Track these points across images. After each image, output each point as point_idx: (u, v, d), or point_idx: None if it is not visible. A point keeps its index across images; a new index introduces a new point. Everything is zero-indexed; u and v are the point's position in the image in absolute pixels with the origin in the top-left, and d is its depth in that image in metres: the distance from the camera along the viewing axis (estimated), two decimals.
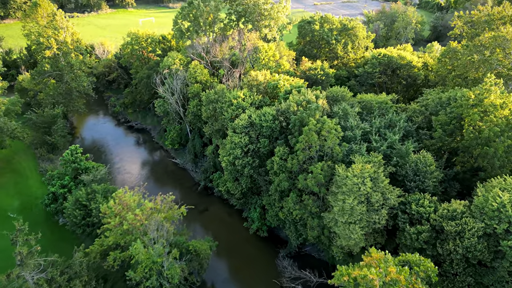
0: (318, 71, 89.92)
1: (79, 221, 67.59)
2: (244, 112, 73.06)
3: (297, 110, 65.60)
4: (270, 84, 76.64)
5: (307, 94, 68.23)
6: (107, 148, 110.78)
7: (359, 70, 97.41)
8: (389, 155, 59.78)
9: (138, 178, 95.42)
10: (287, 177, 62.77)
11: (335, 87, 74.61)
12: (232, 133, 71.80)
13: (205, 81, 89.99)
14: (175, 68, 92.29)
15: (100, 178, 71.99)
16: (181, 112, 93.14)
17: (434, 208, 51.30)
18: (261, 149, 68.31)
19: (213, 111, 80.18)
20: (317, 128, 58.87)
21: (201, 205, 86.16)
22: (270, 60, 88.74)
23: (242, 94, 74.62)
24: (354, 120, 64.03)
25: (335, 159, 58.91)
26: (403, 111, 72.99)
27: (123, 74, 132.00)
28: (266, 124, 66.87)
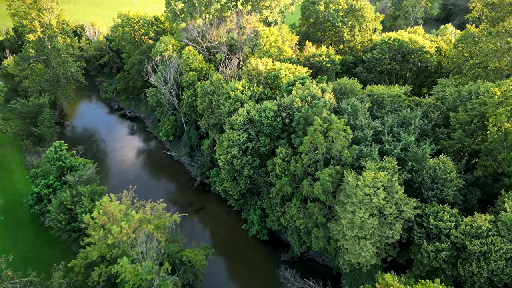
0: (323, 58, 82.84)
1: (64, 226, 62.35)
2: (243, 106, 66.71)
3: (301, 107, 59.24)
4: (271, 74, 69.90)
5: (312, 87, 61.69)
6: (98, 137, 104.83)
7: (367, 56, 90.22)
8: (403, 158, 53.86)
9: (130, 173, 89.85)
10: (290, 180, 57.07)
11: (342, 78, 67.89)
12: (229, 129, 65.67)
13: (200, 68, 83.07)
14: (167, 55, 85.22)
15: (87, 178, 66.26)
16: (175, 103, 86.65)
17: (455, 223, 45.73)
18: (261, 148, 62.35)
19: (209, 104, 73.74)
20: (324, 128, 52.74)
21: (198, 203, 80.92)
22: (271, 46, 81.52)
23: (240, 85, 68.03)
24: (364, 118, 57.76)
25: (344, 163, 53.04)
26: (417, 105, 66.55)
27: (115, 58, 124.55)
28: (267, 121, 60.64)
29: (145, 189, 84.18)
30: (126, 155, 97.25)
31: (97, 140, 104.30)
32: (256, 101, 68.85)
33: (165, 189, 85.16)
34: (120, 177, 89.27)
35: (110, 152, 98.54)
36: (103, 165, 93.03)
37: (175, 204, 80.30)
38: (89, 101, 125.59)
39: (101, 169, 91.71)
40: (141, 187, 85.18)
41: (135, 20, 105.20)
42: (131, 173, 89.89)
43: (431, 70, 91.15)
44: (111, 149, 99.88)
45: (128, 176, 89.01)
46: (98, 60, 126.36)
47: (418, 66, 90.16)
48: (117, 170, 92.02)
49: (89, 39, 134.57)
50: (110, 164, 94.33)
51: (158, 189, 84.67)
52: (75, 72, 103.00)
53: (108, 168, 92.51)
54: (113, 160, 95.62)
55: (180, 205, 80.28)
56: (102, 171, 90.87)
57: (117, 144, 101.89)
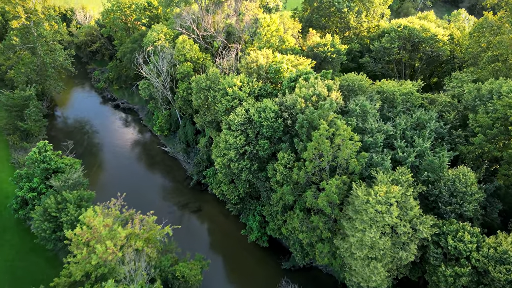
0: (327, 48, 76.77)
1: (48, 235, 57.98)
2: (241, 104, 61.30)
3: (305, 107, 53.83)
4: (271, 68, 64.12)
5: (317, 84, 56.09)
6: (90, 129, 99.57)
7: (375, 45, 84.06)
8: (417, 166, 48.86)
9: (123, 169, 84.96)
10: (292, 189, 52.23)
11: (350, 74, 62.12)
12: (226, 130, 60.47)
13: (196, 58, 77.07)
14: (160, 45, 79.07)
15: (73, 182, 61.43)
16: (169, 97, 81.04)
17: (476, 244, 41.09)
18: (260, 152, 57.29)
19: (204, 100, 68.23)
20: (330, 133, 47.53)
21: (194, 203, 76.39)
22: (272, 35, 75.32)
23: (239, 81, 62.37)
24: (374, 121, 52.44)
25: (351, 171, 48.05)
26: (430, 103, 61.05)
27: (107, 44, 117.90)
28: (267, 123, 55.34)
29: (139, 188, 79.65)
30: (119, 149, 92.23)
31: (89, 132, 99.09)
32: (255, 97, 63.37)
33: (160, 188, 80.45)
34: (111, 173, 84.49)
35: (102, 146, 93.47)
36: (95, 160, 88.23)
37: (170, 205, 75.93)
38: (81, 89, 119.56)
39: (92, 163, 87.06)
40: (134, 185, 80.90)
41: (127, 4, 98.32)
42: (123, 170, 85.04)
43: (442, 60, 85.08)
44: (103, 143, 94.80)
45: (120, 172, 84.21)
46: (89, 46, 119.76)
47: (429, 56, 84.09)
48: (109, 166, 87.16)
49: (80, 24, 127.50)
50: (102, 159, 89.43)
51: (152, 188, 79.99)
52: (64, 61, 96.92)
53: (99, 163, 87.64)
54: (105, 155, 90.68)
55: (176, 205, 75.84)
56: (93, 166, 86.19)
57: (110, 137, 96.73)
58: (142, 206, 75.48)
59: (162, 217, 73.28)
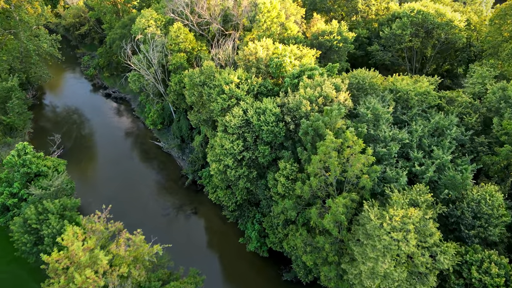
0: (334, 36, 70.07)
1: (29, 249, 53.37)
2: (239, 103, 55.40)
3: (310, 111, 47.95)
4: (272, 62, 57.82)
5: (324, 84, 49.98)
6: (79, 120, 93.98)
7: (385, 31, 77.13)
8: (436, 181, 43.49)
9: (113, 167, 79.59)
10: (295, 203, 47.06)
11: (360, 70, 55.73)
12: (222, 133, 54.85)
13: (191, 49, 70.47)
14: (150, 33, 72.27)
15: (56, 190, 56.28)
16: (161, 90, 74.89)
17: (504, 277, 36.23)
18: (260, 159, 51.86)
19: (199, 97, 62.23)
20: (338, 144, 41.94)
21: (189, 205, 71.54)
22: (273, 22, 68.44)
23: (236, 77, 56.19)
24: (387, 127, 46.71)
25: (361, 186, 42.73)
26: (448, 102, 55.07)
27: (97, 27, 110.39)
28: (267, 127, 49.63)
29: (131, 187, 74.72)
30: (109, 143, 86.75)
31: (78, 123, 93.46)
32: (254, 95, 57.38)
33: (153, 187, 75.38)
34: (101, 170, 79.38)
35: (92, 139, 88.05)
36: (84, 154, 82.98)
37: (164, 207, 71.10)
38: (70, 75, 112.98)
39: (80, 158, 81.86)
40: (126, 184, 75.82)
41: None
42: (114, 166, 79.72)
43: (458, 48, 78.31)
44: (93, 136, 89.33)
45: (111, 169, 79.00)
46: (77, 29, 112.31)
47: (443, 43, 77.37)
48: (99, 161, 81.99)
49: (68, 4, 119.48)
50: (91, 153, 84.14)
51: (146, 187, 74.95)
52: (48, 48, 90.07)
53: (88, 158, 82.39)
54: (95, 149, 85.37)
55: (170, 207, 71.02)
56: (81, 161, 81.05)
57: (100, 129, 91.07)
58: (134, 208, 71.41)
59: (155, 220, 69.04)
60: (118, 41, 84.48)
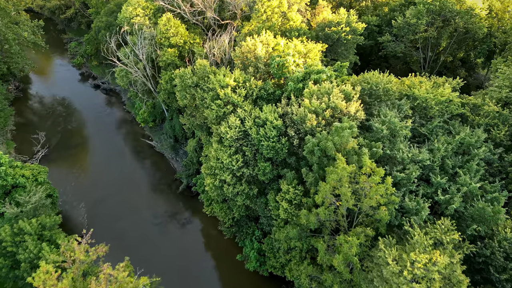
0: (342, 28, 62.92)
1: (5, 274, 48.46)
2: (236, 110, 49.20)
3: (316, 125, 41.79)
4: (273, 62, 51.11)
5: (332, 92, 43.55)
6: (67, 114, 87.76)
7: (398, 20, 69.81)
8: (461, 212, 37.90)
9: (101, 168, 73.83)
10: (299, 231, 41.70)
11: (373, 73, 48.95)
12: (217, 144, 48.93)
13: (183, 43, 63.38)
14: (138, 23, 65.02)
15: (34, 207, 50.79)
16: (152, 87, 68.30)
17: None
18: (260, 176, 46.12)
19: (191, 100, 55.85)
20: (351, 171, 36.10)
21: (183, 214, 66.33)
22: (274, 13, 61.14)
23: (232, 80, 49.66)
24: (406, 146, 40.68)
25: (376, 218, 37.22)
26: (472, 110, 48.77)
27: (83, 11, 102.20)
28: (267, 143, 43.63)
29: (121, 192, 69.34)
30: (97, 141, 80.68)
31: (65, 117, 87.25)
32: (253, 100, 51.03)
33: (145, 192, 69.92)
34: (88, 172, 73.61)
35: (78, 137, 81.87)
36: (69, 154, 77.09)
37: (156, 215, 65.89)
38: (57, 63, 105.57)
39: (66, 158, 76.11)
40: (115, 188, 70.22)
41: None
42: (102, 168, 73.94)
43: (478, 38, 71.12)
44: (80, 132, 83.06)
45: (98, 171, 73.33)
46: (63, 12, 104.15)
47: (461, 33, 70.22)
48: (86, 161, 76.04)
49: None
50: (78, 153, 78.11)
51: (136, 192, 69.54)
52: (30, 37, 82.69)
53: (75, 158, 76.41)
54: (82, 148, 79.29)
55: (162, 216, 65.82)
56: (67, 162, 75.32)
57: (88, 125, 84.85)
58: (124, 215, 66.24)
59: (146, 230, 64.01)
60: (104, 30, 77.06)
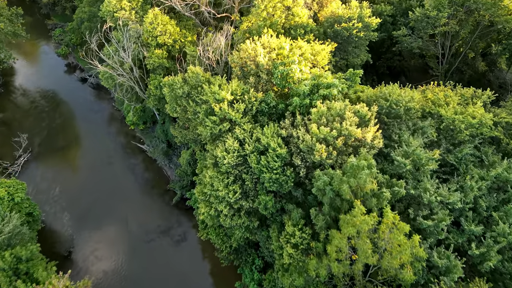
0: (353, 24, 55.50)
1: None
2: (233, 128, 42.88)
3: (327, 157, 35.55)
4: (277, 72, 44.24)
5: (345, 115, 37.04)
6: (51, 111, 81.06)
7: (416, 12, 62.16)
8: (500, 270, 32.32)
9: (88, 175, 67.85)
10: (306, 278, 36.32)
11: (392, 87, 42.21)
12: (213, 170, 42.90)
13: (173, 41, 56.02)
14: (122, 18, 57.48)
15: (8, 236, 45.20)
16: (141, 90, 61.45)
17: None
18: (261, 210, 40.32)
19: (183, 112, 49.29)
20: (374, 222, 30.22)
21: (177, 229, 61.08)
22: (276, 8, 53.53)
23: (229, 93, 42.93)
24: (433, 185, 34.62)
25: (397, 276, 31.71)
26: (505, 128, 42.33)
27: None
28: (269, 175, 37.53)
29: (109, 204, 63.76)
30: (84, 143, 74.43)
31: (49, 115, 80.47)
32: (253, 117, 44.56)
33: (136, 203, 64.16)
34: (73, 180, 67.26)
35: (63, 138, 75.18)
36: (54, 158, 71.12)
37: (148, 231, 60.61)
38: (42, 51, 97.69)
39: (49, 162, 70.19)
40: (103, 199, 64.34)
41: None
42: (89, 175, 67.94)
43: (505, 32, 63.74)
44: (65, 132, 76.24)
45: (84, 179, 67.30)
46: None
47: (484, 26, 62.87)
48: (71, 169, 69.62)
49: None
50: (63, 157, 71.85)
51: (127, 204, 63.84)
52: (6, 28, 74.90)
53: (60, 163, 70.33)
54: (67, 152, 72.73)
55: (155, 232, 60.58)
56: (51, 167, 69.44)
57: (74, 124, 78.19)
58: (112, 230, 60.99)
59: (137, 248, 58.77)
60: (87, 22, 69.28)
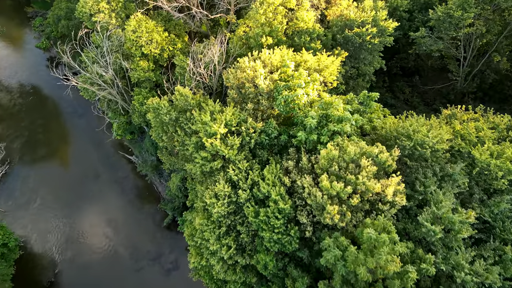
0: (367, 29, 48.09)
1: None
2: (226, 166, 36.72)
3: (340, 220, 29.51)
4: (279, 98, 37.48)
5: (362, 164, 30.65)
6: (31, 114, 74.48)
7: (438, 11, 54.47)
8: None
9: (71, 190, 62.22)
10: None
11: (417, 119, 35.43)
12: (203, 217, 37.09)
13: (160, 50, 48.71)
14: (101, 22, 49.98)
15: None
16: (124, 102, 54.71)
17: None
18: (260, 269, 34.73)
19: (170, 140, 42.82)
20: None
21: (168, 256, 56.06)
22: (277, 12, 45.97)
23: (222, 126, 36.35)
24: (467, 260, 28.76)
25: None
26: None
27: None
28: (270, 234, 31.66)
29: (93, 226, 58.64)
30: (67, 153, 68.46)
31: (29, 119, 74.05)
32: (250, 151, 38.27)
33: (122, 225, 58.92)
34: (55, 197, 61.65)
35: (45, 146, 69.03)
36: (34, 171, 65.34)
37: (138, 258, 55.58)
38: (22, 43, 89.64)
39: (30, 177, 64.35)
40: (86, 219, 59.09)
41: None
42: (72, 190, 62.28)
43: None
44: (47, 140, 69.96)
45: (67, 195, 61.79)
46: None
47: None
48: (53, 183, 63.39)
49: None
50: (44, 169, 65.81)
51: (114, 226, 58.70)
52: None
53: (40, 177, 64.37)
54: (49, 163, 66.60)
55: (145, 259, 55.60)
56: (31, 182, 63.68)
57: (57, 131, 71.57)
58: (96, 257, 55.84)
59: (125, 279, 53.95)
60: (64, 20, 61.47)
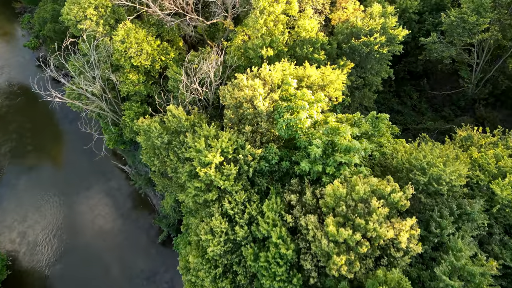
0: (376, 38, 44.30)
1: None
2: (222, 198, 33.68)
3: (348, 271, 26.56)
4: (281, 122, 34.12)
5: (373, 205, 27.49)
6: (19, 120, 71.04)
7: (451, 15, 50.54)
8: None
9: (60, 205, 59.36)
10: None
11: (431, 147, 32.04)
12: (197, 254, 34.20)
13: (152, 61, 45.04)
14: (89, 29, 46.15)
15: None
16: (115, 114, 51.31)
17: None
18: None
19: (162, 164, 39.61)
20: None
21: (164, 274, 53.47)
22: (278, 21, 42.14)
23: (218, 155, 33.05)
24: None
25: None
26: None
27: None
28: (271, 282, 28.80)
29: (84, 241, 55.97)
30: (57, 162, 65.29)
31: (16, 124, 70.71)
32: (248, 179, 35.13)
33: (115, 239, 56.24)
34: (44, 211, 58.75)
35: (32, 155, 65.86)
36: (22, 182, 62.38)
37: (131, 276, 53.06)
38: (9, 41, 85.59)
39: (17, 189, 61.49)
40: (77, 234, 56.26)
41: None
42: (62, 204, 59.43)
43: None
44: (35, 147, 66.72)
45: (57, 209, 58.99)
46: None
47: None
48: (41, 195, 60.12)
49: None
50: (32, 179, 62.72)
51: (106, 241, 56.03)
52: None
53: (28, 190, 61.12)
54: (37, 172, 63.52)
55: (139, 277, 53.08)
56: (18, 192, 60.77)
57: (45, 137, 68.12)
58: (88, 274, 53.36)
59: None
60: (50, 24, 57.46)
